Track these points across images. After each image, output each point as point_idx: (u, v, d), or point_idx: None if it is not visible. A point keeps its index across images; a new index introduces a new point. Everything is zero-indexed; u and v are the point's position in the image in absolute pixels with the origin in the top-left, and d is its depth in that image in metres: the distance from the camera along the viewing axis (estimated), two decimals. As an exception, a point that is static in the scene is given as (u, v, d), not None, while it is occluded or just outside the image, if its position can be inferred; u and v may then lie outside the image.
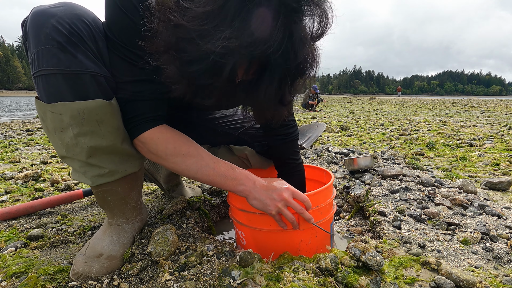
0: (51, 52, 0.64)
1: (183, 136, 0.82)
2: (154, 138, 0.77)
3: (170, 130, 0.80)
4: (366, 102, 16.18)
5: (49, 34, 0.63)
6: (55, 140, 0.72)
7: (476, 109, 8.28)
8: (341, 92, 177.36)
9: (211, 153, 0.83)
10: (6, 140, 3.37)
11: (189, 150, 0.79)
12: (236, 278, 0.73)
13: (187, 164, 0.78)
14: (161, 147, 0.77)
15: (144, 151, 0.80)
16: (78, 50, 0.66)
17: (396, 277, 0.79)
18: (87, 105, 0.68)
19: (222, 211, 1.40)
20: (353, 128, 4.29)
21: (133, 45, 0.69)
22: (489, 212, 1.16)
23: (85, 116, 0.68)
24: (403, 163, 1.97)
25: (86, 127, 0.70)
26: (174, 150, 0.78)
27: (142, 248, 0.85)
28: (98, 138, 0.72)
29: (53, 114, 0.68)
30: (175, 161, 0.78)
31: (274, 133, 1.03)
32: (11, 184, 1.66)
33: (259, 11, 0.51)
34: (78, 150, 0.71)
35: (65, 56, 0.64)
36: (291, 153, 1.07)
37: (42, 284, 0.75)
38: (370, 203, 1.30)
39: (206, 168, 0.79)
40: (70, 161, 0.75)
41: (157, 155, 0.78)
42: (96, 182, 0.77)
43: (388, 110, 8.90)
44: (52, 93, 0.67)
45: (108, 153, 0.75)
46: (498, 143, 2.66)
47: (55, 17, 0.64)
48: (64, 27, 0.64)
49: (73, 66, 0.65)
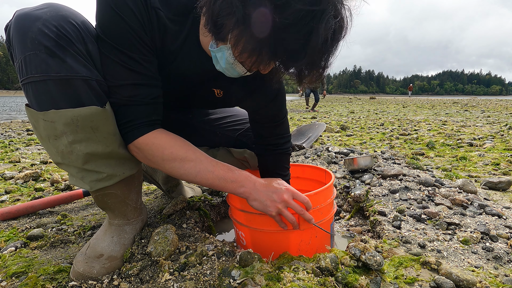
0: (39, 57, 0.61)
1: (180, 139, 0.80)
2: (149, 143, 0.75)
3: (166, 134, 0.78)
4: (366, 102, 16.18)
5: (35, 39, 0.60)
6: (49, 147, 0.70)
7: (476, 109, 8.28)
8: (341, 92, 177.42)
9: (209, 156, 0.82)
10: (6, 140, 3.37)
11: (186, 154, 0.77)
12: (236, 278, 0.73)
13: (185, 168, 0.77)
14: (157, 153, 0.75)
15: (140, 157, 0.77)
16: (67, 54, 0.63)
17: (396, 277, 0.79)
18: (81, 113, 0.65)
19: (222, 211, 1.40)
20: (353, 128, 4.29)
21: (127, 47, 0.68)
22: (489, 212, 1.16)
23: (79, 124, 0.66)
24: (403, 163, 1.97)
25: (81, 134, 0.68)
26: (171, 155, 0.76)
27: (142, 248, 0.85)
28: (94, 145, 0.70)
29: (45, 122, 0.65)
30: (172, 166, 0.76)
31: (265, 141, 1.01)
32: (11, 184, 1.66)
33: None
34: (74, 157, 0.69)
35: (53, 61, 0.61)
36: (279, 168, 1.04)
37: (42, 284, 0.75)
38: (370, 203, 1.30)
39: (205, 171, 0.77)
40: (66, 167, 0.73)
41: (152, 161, 0.76)
42: (95, 187, 0.75)
43: (388, 110, 8.90)
44: (44, 100, 0.64)
45: (105, 158, 0.74)
46: (498, 143, 2.66)
47: (41, 20, 0.61)
48: (51, 30, 0.61)
49: (63, 72, 0.62)
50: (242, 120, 1.17)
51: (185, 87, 0.88)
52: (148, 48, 0.71)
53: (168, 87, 0.83)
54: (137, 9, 0.66)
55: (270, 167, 1.05)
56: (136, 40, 0.68)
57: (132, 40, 0.68)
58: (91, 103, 0.67)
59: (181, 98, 0.94)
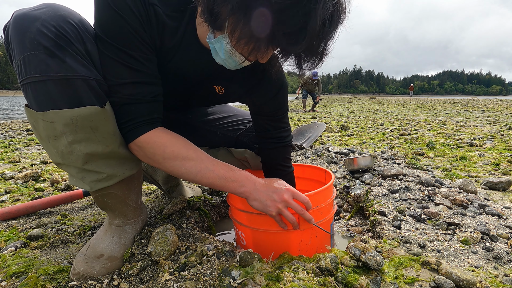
0: (38, 58, 0.61)
1: (180, 138, 0.80)
2: (150, 142, 0.75)
3: (167, 133, 0.78)
4: (366, 102, 16.18)
5: (34, 39, 0.60)
6: (49, 147, 0.69)
7: (476, 109, 8.28)
8: (341, 92, 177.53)
9: (210, 155, 0.82)
10: (6, 140, 3.37)
11: (188, 153, 0.77)
12: (236, 278, 0.73)
13: (186, 167, 0.77)
14: (159, 151, 0.75)
15: (141, 156, 0.77)
16: (67, 54, 0.63)
17: (396, 277, 0.79)
18: (80, 113, 0.65)
19: (222, 211, 1.40)
20: (353, 128, 4.29)
21: (127, 46, 0.68)
22: (489, 212, 1.16)
23: (79, 124, 0.66)
24: (403, 163, 1.97)
25: (81, 135, 0.67)
26: (172, 154, 0.76)
27: (142, 248, 0.85)
28: (94, 145, 0.69)
29: (45, 123, 0.65)
30: (173, 164, 0.77)
31: (268, 135, 1.01)
32: (11, 184, 1.66)
33: None
34: (74, 157, 0.69)
35: (53, 61, 0.61)
36: (282, 159, 1.04)
37: (42, 284, 0.75)
38: (370, 203, 1.30)
39: (206, 170, 0.77)
40: (66, 168, 0.72)
41: (153, 159, 0.76)
42: (95, 187, 0.75)
43: (388, 110, 8.90)
44: (43, 100, 0.64)
45: (105, 158, 0.73)
46: (498, 143, 2.66)
47: (39, 20, 0.61)
48: (50, 30, 0.61)
49: (62, 72, 0.62)
50: (242, 120, 1.17)
51: (186, 85, 0.88)
52: (148, 46, 0.72)
53: (169, 87, 0.83)
54: (136, 7, 0.66)
55: (274, 160, 1.05)
56: (136, 38, 0.69)
57: (131, 38, 0.68)
58: (90, 103, 0.66)
59: (182, 97, 0.94)
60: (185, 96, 0.93)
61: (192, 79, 0.86)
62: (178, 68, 0.81)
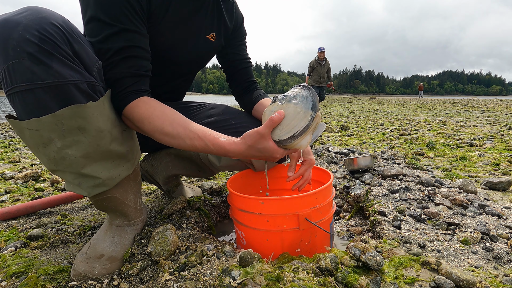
0: (23, 65, 0.57)
1: (168, 113, 0.79)
2: (140, 111, 0.77)
3: (157, 103, 0.79)
4: (366, 102, 16.18)
5: (17, 46, 0.57)
6: (40, 156, 0.68)
7: (476, 109, 8.28)
8: (341, 92, 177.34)
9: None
10: (6, 140, 3.37)
11: (177, 131, 0.77)
12: (236, 278, 0.73)
13: (177, 143, 0.78)
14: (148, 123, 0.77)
15: (134, 123, 0.79)
16: (53, 59, 0.60)
17: (396, 277, 0.79)
18: (63, 114, 0.62)
19: (222, 211, 1.40)
20: (353, 128, 4.29)
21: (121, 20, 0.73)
22: (489, 212, 1.16)
23: (65, 127, 0.64)
24: (403, 163, 1.97)
25: (69, 138, 0.65)
26: (162, 130, 0.77)
27: (142, 248, 0.85)
28: (85, 146, 0.68)
29: (30, 131, 0.63)
30: (161, 138, 0.79)
31: (242, 61, 1.15)
32: (11, 184, 1.66)
33: None
34: (67, 162, 0.68)
35: (39, 68, 0.58)
36: (263, 96, 1.15)
37: (42, 284, 0.75)
38: (370, 203, 1.30)
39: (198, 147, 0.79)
40: (62, 174, 0.71)
41: (143, 130, 0.78)
42: (93, 192, 0.74)
43: (388, 110, 8.90)
44: (32, 109, 0.61)
45: (99, 159, 0.72)
46: (498, 143, 2.66)
47: (21, 25, 0.57)
48: (33, 35, 0.57)
49: (50, 78, 0.59)
50: (244, 123, 1.17)
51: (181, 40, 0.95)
52: (142, 21, 0.78)
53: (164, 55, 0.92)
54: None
55: (255, 100, 1.15)
56: (131, 14, 0.74)
57: (125, 11, 0.73)
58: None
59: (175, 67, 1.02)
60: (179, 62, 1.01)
61: (187, 30, 0.93)
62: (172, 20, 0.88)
